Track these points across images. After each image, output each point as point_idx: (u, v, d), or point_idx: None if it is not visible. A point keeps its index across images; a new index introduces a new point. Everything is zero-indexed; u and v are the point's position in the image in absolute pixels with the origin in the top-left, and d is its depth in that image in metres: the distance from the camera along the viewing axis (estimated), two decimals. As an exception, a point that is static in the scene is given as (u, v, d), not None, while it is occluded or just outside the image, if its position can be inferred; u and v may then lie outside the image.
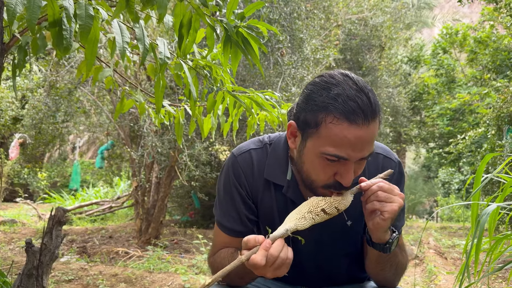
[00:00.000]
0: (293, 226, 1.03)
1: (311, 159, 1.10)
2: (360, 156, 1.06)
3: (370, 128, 1.04)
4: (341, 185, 1.08)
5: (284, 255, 0.99)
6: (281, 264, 0.98)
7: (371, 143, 1.07)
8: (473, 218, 1.70)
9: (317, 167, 1.09)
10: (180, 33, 1.38)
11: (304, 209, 1.06)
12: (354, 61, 9.09)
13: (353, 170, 1.08)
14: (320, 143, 1.07)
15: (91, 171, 12.17)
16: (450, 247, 5.75)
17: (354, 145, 1.03)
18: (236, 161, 1.26)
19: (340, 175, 1.07)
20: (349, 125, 1.02)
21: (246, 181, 1.25)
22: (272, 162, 1.25)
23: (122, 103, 1.93)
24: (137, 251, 4.77)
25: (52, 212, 2.02)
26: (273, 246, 0.98)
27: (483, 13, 9.84)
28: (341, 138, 1.03)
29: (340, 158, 1.05)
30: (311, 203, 1.07)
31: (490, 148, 5.78)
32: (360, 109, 1.02)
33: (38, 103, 6.75)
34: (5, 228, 6.20)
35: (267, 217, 1.26)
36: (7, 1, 1.14)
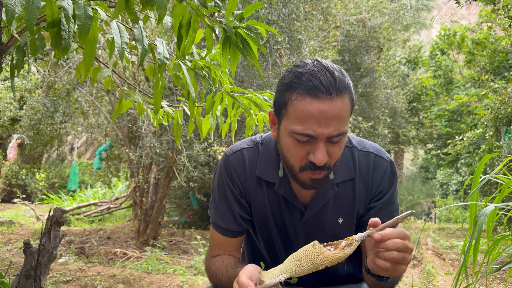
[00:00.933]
0: (288, 276, 1.00)
1: (285, 140, 1.13)
2: (327, 133, 1.06)
3: (334, 103, 1.05)
4: (315, 165, 1.09)
5: None
6: None
7: (338, 120, 1.06)
8: (471, 219, 1.71)
9: (290, 149, 1.12)
10: (179, 34, 1.38)
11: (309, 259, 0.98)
12: (353, 62, 9.11)
13: (327, 151, 1.09)
14: (289, 122, 1.10)
15: (89, 172, 12.16)
16: (448, 248, 5.76)
17: (318, 120, 1.05)
18: (229, 160, 1.27)
19: (312, 154, 1.08)
20: (311, 99, 1.05)
21: (238, 179, 1.26)
22: (264, 160, 1.26)
23: (121, 104, 1.93)
24: (135, 252, 4.77)
25: (50, 213, 2.01)
26: None
27: (481, 15, 9.87)
28: (305, 114, 1.06)
29: (307, 135, 1.07)
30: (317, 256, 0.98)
31: (488, 149, 5.80)
32: (321, 84, 1.05)
33: (36, 103, 6.75)
34: (3, 229, 6.19)
35: (261, 215, 1.27)
36: (5, 2, 1.14)
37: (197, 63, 1.70)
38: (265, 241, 1.33)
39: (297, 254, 0.99)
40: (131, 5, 1.30)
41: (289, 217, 1.26)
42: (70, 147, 13.21)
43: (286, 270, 0.99)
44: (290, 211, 1.25)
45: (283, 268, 1.00)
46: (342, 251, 0.97)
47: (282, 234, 1.29)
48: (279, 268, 1.00)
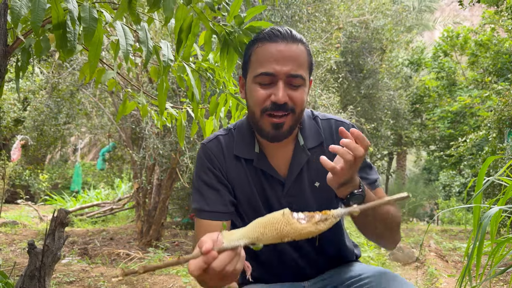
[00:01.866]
0: (249, 242, 0.89)
1: (250, 90, 1.25)
2: (285, 71, 1.18)
3: (290, 46, 1.20)
4: (276, 105, 1.18)
5: (230, 268, 0.87)
6: (225, 277, 0.88)
7: (295, 61, 1.19)
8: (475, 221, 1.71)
9: (254, 95, 1.22)
10: (179, 38, 1.39)
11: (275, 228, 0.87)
12: (355, 63, 9.10)
13: (288, 95, 1.19)
14: (252, 70, 1.24)
15: (92, 173, 12.18)
16: (451, 250, 5.74)
17: (277, 59, 1.19)
18: (206, 147, 1.34)
19: (274, 94, 1.19)
20: (270, 43, 1.21)
21: (218, 163, 1.31)
22: (239, 140, 1.34)
23: (125, 105, 1.94)
24: (138, 253, 4.78)
25: (55, 214, 2.02)
26: (218, 259, 0.85)
27: (484, 16, 9.85)
28: (266, 55, 1.20)
29: (267, 74, 1.19)
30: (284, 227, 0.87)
31: (491, 151, 5.78)
32: (279, 32, 1.21)
33: (40, 105, 6.77)
34: (6, 230, 6.21)
35: (245, 194, 1.31)
36: (12, 4, 1.15)
37: (201, 65, 1.71)
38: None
39: (263, 220, 0.89)
40: (134, 6, 1.31)
41: (271, 190, 1.30)
42: (73, 148, 13.24)
43: (248, 235, 0.89)
44: (271, 184, 1.30)
45: (244, 233, 0.90)
46: (314, 225, 0.86)
47: (268, 211, 1.28)
48: (241, 232, 0.90)
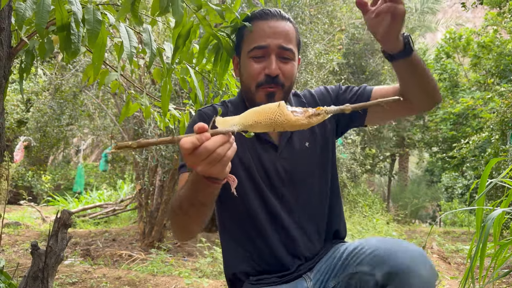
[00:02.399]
0: (243, 128, 0.93)
1: (244, 65, 1.34)
2: (277, 43, 1.29)
3: (280, 23, 1.32)
4: (270, 77, 1.28)
5: (222, 151, 0.89)
6: (215, 160, 0.89)
7: (285, 36, 1.30)
8: (478, 223, 1.71)
9: (248, 69, 1.32)
10: (176, 44, 1.40)
11: (269, 117, 0.91)
12: (358, 65, 9.11)
13: (280, 68, 1.29)
14: (246, 46, 1.33)
15: (95, 174, 12.20)
16: (454, 252, 5.73)
17: (269, 33, 1.30)
18: (202, 112, 1.41)
19: (267, 68, 1.28)
20: (261, 21, 1.32)
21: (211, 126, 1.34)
22: (233, 109, 1.42)
23: (128, 107, 1.95)
24: (141, 254, 4.78)
25: (58, 215, 2.03)
26: (211, 139, 0.88)
27: (487, 18, 9.83)
28: (258, 32, 1.31)
29: (260, 47, 1.29)
30: (278, 117, 0.91)
31: (494, 153, 5.77)
32: (269, 11, 1.33)
33: (43, 106, 6.79)
34: (9, 231, 6.23)
35: (237, 154, 1.28)
36: (16, 6, 1.16)
37: (204, 67, 1.71)
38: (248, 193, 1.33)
39: (258, 109, 0.93)
40: (136, 8, 1.31)
41: (266, 154, 1.35)
42: (76, 149, 13.26)
43: (243, 122, 0.92)
44: (264, 148, 1.35)
45: (239, 120, 0.93)
46: (307, 119, 0.92)
47: (264, 178, 1.34)
48: (236, 118, 0.94)
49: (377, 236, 5.98)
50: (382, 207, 9.44)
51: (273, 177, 1.34)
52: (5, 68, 1.53)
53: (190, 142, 0.87)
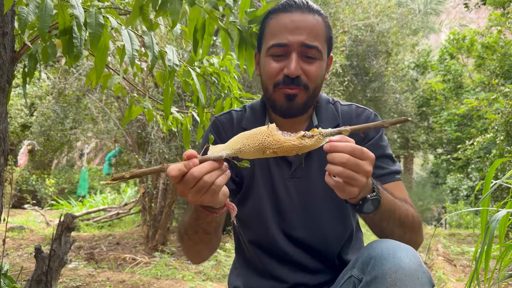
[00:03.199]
0: (232, 153, 0.87)
1: (263, 64, 1.19)
2: (299, 40, 1.11)
3: (305, 16, 1.13)
4: (288, 78, 1.12)
5: (209, 179, 0.84)
6: (203, 188, 0.85)
7: (310, 32, 1.12)
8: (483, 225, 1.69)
9: (267, 69, 1.17)
10: (195, 38, 1.39)
11: (257, 139, 0.85)
12: (361, 67, 9.08)
13: (302, 68, 1.13)
14: (265, 43, 1.18)
15: (99, 177, 12.23)
16: (459, 254, 5.69)
17: (290, 29, 1.12)
18: (217, 120, 1.31)
19: (286, 67, 1.13)
20: (283, 14, 1.15)
21: (225, 136, 1.26)
22: (250, 115, 1.29)
23: (131, 110, 1.95)
24: (144, 257, 4.78)
25: (61, 218, 2.03)
26: (198, 166, 0.83)
27: (490, 18, 9.80)
28: (279, 26, 1.15)
29: (280, 45, 1.13)
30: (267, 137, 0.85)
31: (499, 154, 5.74)
32: (293, 2, 1.15)
33: (47, 110, 6.82)
34: (13, 235, 6.24)
35: (248, 173, 1.25)
36: (19, 11, 1.16)
37: (206, 70, 1.71)
38: (253, 207, 1.24)
39: (247, 132, 0.88)
40: (146, 12, 1.32)
41: (277, 170, 1.23)
42: (80, 153, 13.31)
43: (231, 146, 0.88)
44: (277, 163, 1.23)
45: (228, 144, 0.89)
46: (298, 139, 0.83)
47: (270, 193, 1.23)
48: (226, 144, 0.90)
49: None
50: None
51: (283, 197, 1.22)
52: (8, 72, 1.53)
53: (177, 169, 0.83)
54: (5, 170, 1.60)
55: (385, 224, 1.05)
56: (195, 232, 1.05)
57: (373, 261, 0.92)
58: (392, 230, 1.06)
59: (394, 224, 1.05)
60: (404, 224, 1.06)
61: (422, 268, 0.89)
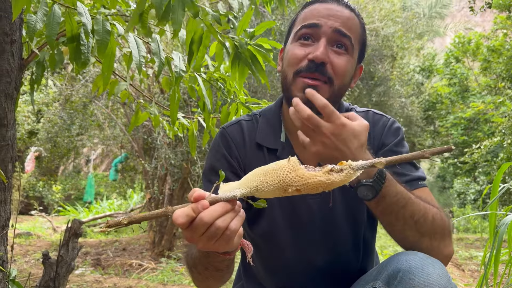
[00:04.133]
0: (247, 192, 0.75)
1: (288, 51, 1.09)
2: (331, 24, 1.02)
3: (342, 8, 1.05)
4: (313, 63, 1.01)
5: (222, 224, 0.73)
6: (215, 235, 0.73)
7: (346, 22, 1.03)
8: (491, 229, 1.68)
9: (290, 53, 1.06)
10: (190, 49, 1.40)
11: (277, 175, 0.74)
12: (366, 71, 9.07)
13: (330, 61, 1.01)
14: (295, 29, 1.08)
15: (105, 183, 12.27)
16: (468, 259, 5.64)
17: (324, 14, 1.03)
18: (226, 132, 1.17)
19: (313, 51, 1.02)
20: (319, 4, 1.06)
21: (237, 151, 1.14)
22: (264, 127, 1.16)
23: (137, 116, 1.96)
24: (151, 263, 4.78)
25: (69, 224, 2.04)
26: (208, 209, 0.72)
27: (496, 22, 9.78)
28: (312, 13, 1.05)
29: (310, 26, 1.03)
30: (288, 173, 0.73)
31: (506, 158, 5.71)
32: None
33: (54, 116, 6.87)
34: (20, 241, 6.27)
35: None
36: (27, 19, 1.18)
37: (212, 75, 1.72)
38: (266, 228, 1.15)
39: (265, 168, 0.76)
40: (145, 19, 1.32)
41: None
42: (86, 159, 13.37)
43: (246, 184, 0.76)
44: None
45: (242, 182, 0.77)
46: (325, 174, 0.71)
47: (289, 213, 1.13)
48: (239, 182, 0.78)
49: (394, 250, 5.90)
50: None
51: (304, 218, 1.13)
52: (16, 79, 1.55)
53: (185, 215, 0.72)
54: (12, 177, 1.61)
55: (394, 219, 0.95)
56: (205, 268, 0.96)
57: (400, 274, 0.87)
58: (403, 229, 0.97)
59: (405, 222, 0.95)
60: (419, 224, 0.95)
61: (451, 284, 0.85)
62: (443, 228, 0.98)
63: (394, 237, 1.02)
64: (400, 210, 0.93)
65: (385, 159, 0.72)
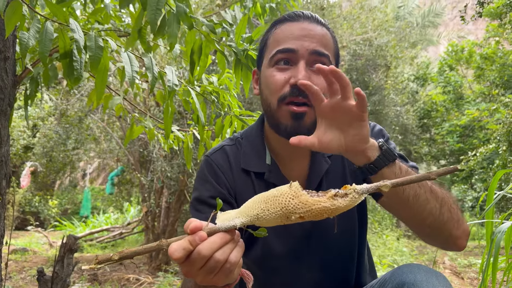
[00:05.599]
0: (247, 221, 0.71)
1: (265, 77, 1.05)
2: (307, 46, 0.99)
3: (315, 26, 1.03)
4: (296, 89, 0.98)
5: (221, 256, 0.69)
6: (215, 268, 0.70)
7: (320, 40, 1.01)
8: (488, 236, 1.68)
9: (270, 80, 1.02)
10: (191, 60, 1.41)
11: (279, 202, 0.70)
12: (361, 80, 9.13)
13: (310, 77, 0.98)
14: (269, 52, 1.05)
15: (102, 197, 12.21)
16: (466, 267, 5.62)
17: (298, 36, 1.01)
18: (210, 160, 1.13)
19: (293, 76, 0.99)
20: (290, 23, 1.04)
21: (225, 178, 1.11)
22: (248, 151, 1.13)
23: (132, 130, 1.96)
24: (148, 277, 4.74)
25: (64, 240, 2.02)
26: (207, 241, 0.68)
27: (488, 30, 9.89)
28: (285, 34, 1.03)
29: (286, 50, 1.00)
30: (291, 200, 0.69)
31: (502, 164, 5.73)
32: (301, 12, 1.05)
33: (49, 131, 6.86)
34: (16, 257, 6.20)
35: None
36: (20, 36, 1.18)
37: (206, 88, 1.72)
38: (260, 255, 1.13)
39: (265, 194, 0.72)
40: (144, 35, 1.33)
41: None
42: (82, 173, 13.32)
43: (246, 213, 0.72)
44: None
45: (242, 210, 0.73)
46: (330, 200, 0.68)
47: (279, 233, 1.11)
48: (238, 210, 0.75)
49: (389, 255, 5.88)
50: (392, 222, 9.34)
51: (296, 235, 1.11)
52: (10, 96, 1.55)
53: (182, 249, 0.68)
54: (7, 193, 1.60)
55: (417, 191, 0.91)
56: None
57: (405, 287, 0.87)
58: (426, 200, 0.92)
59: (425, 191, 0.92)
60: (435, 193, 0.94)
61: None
62: (455, 201, 0.99)
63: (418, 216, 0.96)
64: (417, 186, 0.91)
65: (390, 181, 0.70)
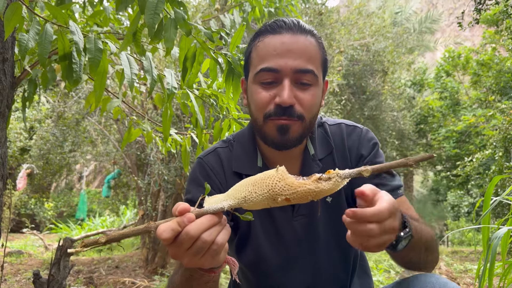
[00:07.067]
0: (235, 203, 0.74)
1: (251, 93, 1.06)
2: (291, 65, 0.99)
3: (297, 37, 1.01)
4: (281, 108, 0.99)
5: (209, 237, 0.70)
6: (202, 249, 0.71)
7: (303, 55, 1.00)
8: (484, 242, 1.68)
9: (255, 97, 1.04)
10: (184, 66, 1.41)
11: (266, 184, 0.72)
12: (358, 86, 9.16)
13: (296, 97, 0.99)
14: (254, 68, 1.05)
15: (98, 200, 12.17)
16: (463, 272, 5.62)
17: (281, 52, 1.00)
18: (203, 162, 1.15)
19: (278, 95, 1.00)
20: (273, 36, 1.02)
21: (218, 180, 1.12)
22: (239, 153, 1.15)
23: (130, 132, 1.96)
24: (144, 281, 4.72)
25: (60, 243, 2.01)
26: (194, 222, 0.69)
27: (485, 36, 9.96)
28: (267, 49, 1.02)
29: (269, 70, 1.00)
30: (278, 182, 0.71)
31: (498, 170, 5.75)
32: (283, 22, 1.03)
33: (46, 133, 6.83)
34: (11, 260, 6.17)
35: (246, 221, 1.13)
36: (19, 37, 1.18)
37: (204, 92, 1.73)
38: (252, 258, 1.14)
39: (253, 178, 0.75)
40: (139, 38, 1.33)
41: (279, 211, 1.10)
42: (79, 176, 13.27)
43: (234, 195, 0.74)
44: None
45: (231, 193, 0.75)
46: (314, 182, 0.70)
47: (271, 237, 1.12)
48: (226, 193, 0.77)
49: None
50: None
51: (289, 240, 1.12)
52: (8, 97, 1.55)
53: (170, 229, 0.69)
54: (3, 195, 1.60)
55: (413, 254, 0.92)
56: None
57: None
58: (418, 257, 0.95)
59: (420, 251, 0.93)
60: (429, 248, 0.96)
61: None
62: (436, 240, 1.03)
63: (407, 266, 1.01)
64: (418, 243, 0.90)
65: (371, 167, 0.72)
